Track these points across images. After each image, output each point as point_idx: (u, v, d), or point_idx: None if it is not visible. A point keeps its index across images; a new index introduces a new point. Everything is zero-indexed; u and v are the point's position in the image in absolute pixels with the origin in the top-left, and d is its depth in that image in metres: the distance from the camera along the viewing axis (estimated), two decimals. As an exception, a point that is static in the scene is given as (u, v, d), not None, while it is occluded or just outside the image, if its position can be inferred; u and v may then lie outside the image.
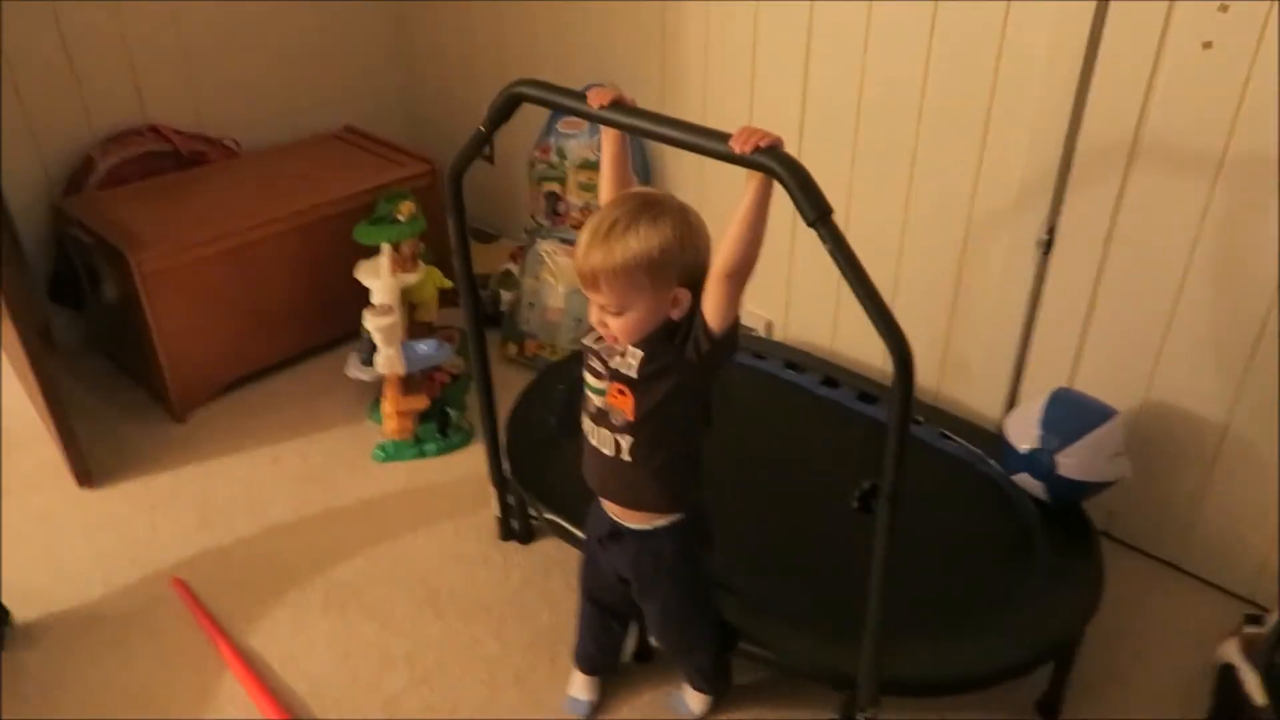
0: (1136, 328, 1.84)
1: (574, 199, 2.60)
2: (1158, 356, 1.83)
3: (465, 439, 2.38)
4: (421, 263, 2.40)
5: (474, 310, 1.84)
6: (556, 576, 1.99)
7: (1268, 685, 1.13)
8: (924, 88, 1.97)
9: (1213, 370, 1.78)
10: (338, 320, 2.60)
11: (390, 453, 2.33)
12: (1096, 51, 1.70)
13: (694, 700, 1.69)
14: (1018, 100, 1.84)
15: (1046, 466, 1.72)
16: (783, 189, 1.20)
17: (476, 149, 1.60)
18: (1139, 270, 1.80)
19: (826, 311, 2.35)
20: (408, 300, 2.40)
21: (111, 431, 2.42)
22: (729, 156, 1.23)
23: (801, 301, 2.40)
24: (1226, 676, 1.63)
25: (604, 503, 1.51)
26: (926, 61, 1.93)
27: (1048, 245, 1.89)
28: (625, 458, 1.41)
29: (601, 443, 1.44)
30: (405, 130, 3.20)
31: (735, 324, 1.35)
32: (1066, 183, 1.83)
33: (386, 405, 2.29)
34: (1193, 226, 1.71)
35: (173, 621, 1.90)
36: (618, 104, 1.38)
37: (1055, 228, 1.87)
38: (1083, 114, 1.76)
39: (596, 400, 1.42)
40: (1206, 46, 1.58)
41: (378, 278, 2.28)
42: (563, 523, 1.81)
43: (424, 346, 2.28)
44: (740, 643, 1.57)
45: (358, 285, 2.34)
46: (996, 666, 1.54)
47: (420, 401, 2.30)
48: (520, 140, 2.64)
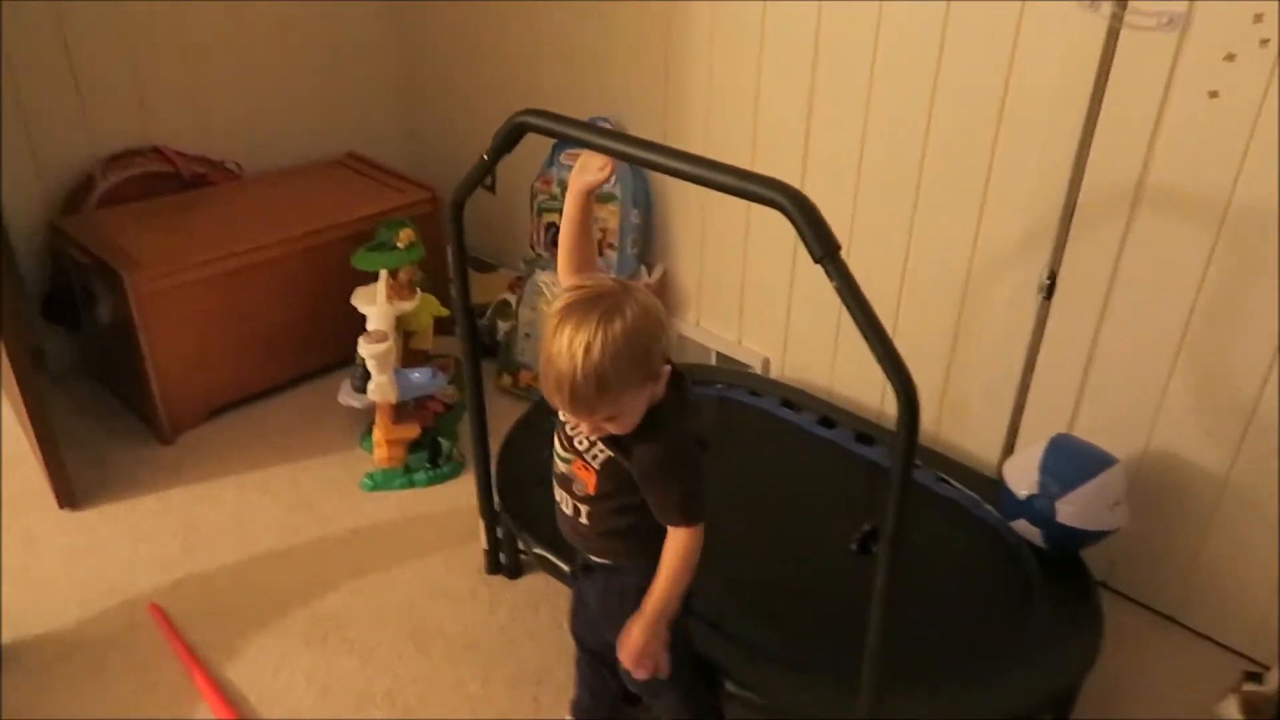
0: (1138, 375, 1.82)
1: (574, 231, 2.59)
2: (1158, 405, 1.82)
3: (456, 470, 2.35)
4: (419, 290, 2.38)
5: (471, 339, 1.82)
6: (544, 613, 1.95)
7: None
8: (928, 128, 1.97)
9: (1213, 421, 1.77)
10: (332, 346, 2.58)
11: (379, 481, 2.30)
12: (1103, 96, 1.70)
13: None
14: (1023, 143, 1.84)
15: (1045, 513, 1.70)
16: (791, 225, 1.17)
17: (479, 178, 1.59)
18: (1141, 317, 1.79)
19: (825, 350, 2.33)
20: (403, 328, 2.38)
21: (99, 454, 2.38)
22: (734, 189, 1.22)
23: (799, 339, 2.39)
24: (1226, 734, 1.60)
25: None
26: (931, 101, 1.94)
27: (1049, 290, 1.88)
28: (584, 521, 1.40)
29: (563, 501, 1.43)
30: (407, 158, 3.20)
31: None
32: (1070, 228, 1.82)
33: (377, 433, 2.26)
34: (1196, 275, 1.70)
35: (150, 649, 1.86)
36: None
37: (1057, 273, 1.86)
38: (1087, 159, 1.76)
39: (561, 465, 1.41)
40: (1213, 96, 1.58)
41: (374, 304, 2.26)
42: (551, 557, 1.77)
43: (417, 375, 2.26)
44: (731, 686, 1.53)
45: (354, 311, 2.33)
46: (993, 717, 1.50)
47: (411, 430, 2.28)
48: (522, 171, 2.64)
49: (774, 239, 2.32)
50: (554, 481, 1.44)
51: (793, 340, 2.41)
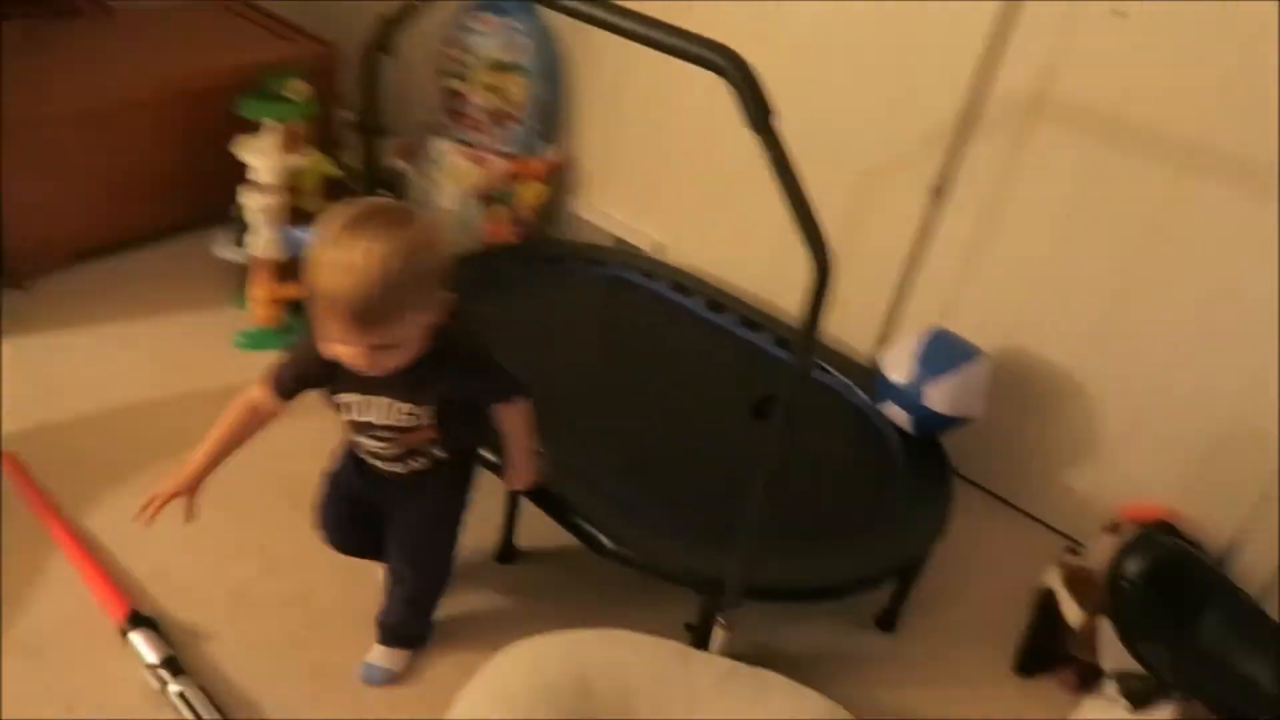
0: (1009, 279, 1.94)
1: (478, 99, 2.52)
2: (1024, 307, 1.94)
3: (338, 334, 2.30)
4: (310, 147, 2.27)
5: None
6: (425, 475, 1.96)
7: (1113, 601, 1.24)
8: (844, 19, 1.99)
9: (1067, 325, 1.91)
10: (204, 200, 2.43)
11: (255, 340, 2.23)
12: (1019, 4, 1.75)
13: (388, 658, 1.60)
14: (931, 43, 1.89)
15: (915, 398, 1.80)
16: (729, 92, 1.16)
17: (402, 24, 1.51)
18: (1021, 226, 1.90)
19: (719, 237, 2.37)
20: (290, 185, 2.28)
21: (-61, 292, 2.21)
22: (675, 49, 1.18)
23: (694, 225, 2.42)
24: (1046, 599, 1.77)
25: None
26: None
27: (939, 191, 1.96)
28: (407, 452, 1.45)
29: (379, 446, 1.44)
30: (299, 9, 3.00)
31: None
32: (969, 132, 1.89)
33: (258, 290, 2.18)
34: (1080, 189, 1.81)
35: (2, 499, 1.77)
36: None
37: (949, 176, 1.94)
38: (996, 66, 1.82)
39: (387, 448, 1.44)
40: (1119, 14, 1.65)
41: (263, 155, 2.15)
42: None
43: (304, 233, 2.18)
44: (610, 544, 1.59)
45: (231, 164, 2.20)
46: (852, 577, 1.62)
47: (295, 290, 2.20)
48: (422, 33, 2.53)
49: (680, 124, 2.32)
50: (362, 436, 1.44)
51: (688, 226, 2.43)
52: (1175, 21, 1.64)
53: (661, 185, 2.44)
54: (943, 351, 1.84)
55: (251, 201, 2.06)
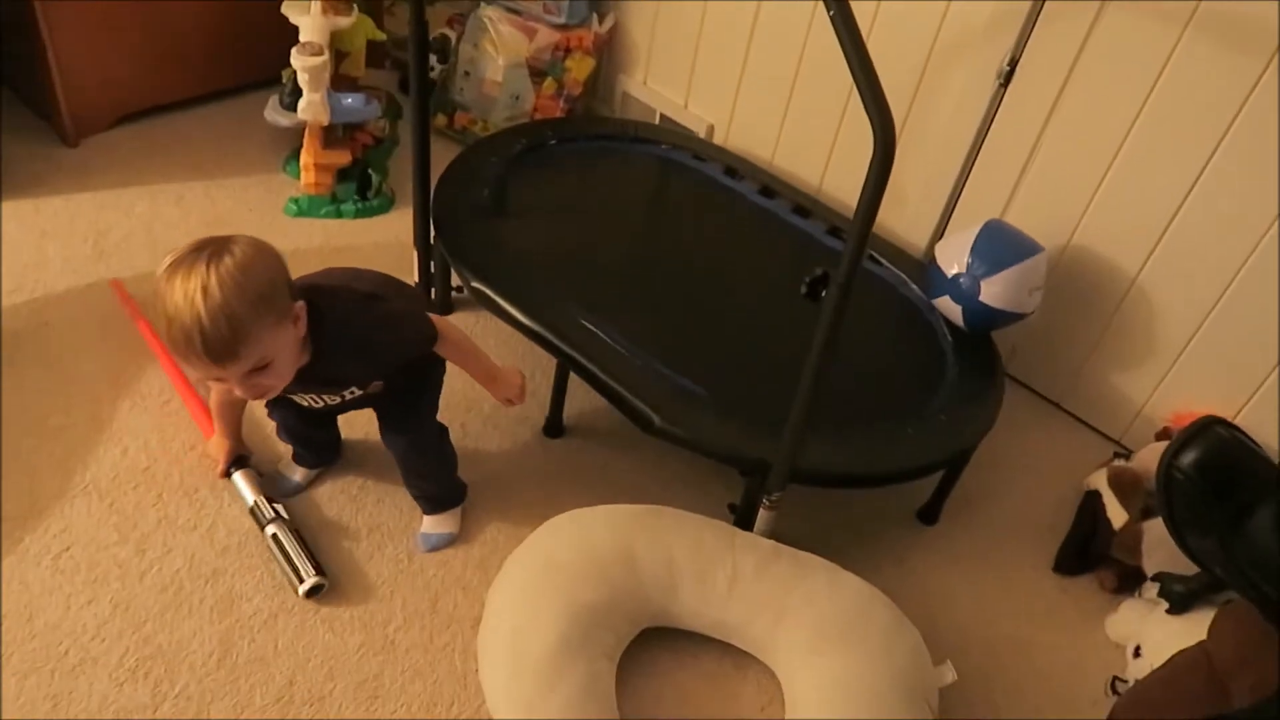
0: (1075, 171, 1.87)
1: (527, -35, 2.43)
2: (1089, 202, 1.88)
3: (385, 205, 2.29)
4: (355, 8, 2.21)
5: (421, 67, 1.73)
6: (473, 349, 1.97)
7: (1165, 491, 1.23)
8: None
9: (1135, 224, 1.84)
10: (257, 62, 2.41)
11: (304, 208, 2.22)
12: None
13: (436, 524, 1.64)
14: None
15: (970, 292, 1.77)
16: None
17: None
18: (1091, 114, 1.82)
19: (771, 123, 2.30)
20: (335, 48, 2.22)
21: (-6, 148, 2.21)
22: None
23: (747, 109, 2.35)
24: (1091, 501, 1.77)
25: None
26: None
27: (1008, 78, 1.88)
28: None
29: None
30: None
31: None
32: (1038, 15, 1.80)
33: (306, 156, 2.16)
34: (1151, 77, 1.72)
35: (62, 347, 1.81)
36: None
37: (1018, 60, 1.86)
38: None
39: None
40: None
41: (308, 15, 2.09)
42: (488, 291, 1.76)
43: (350, 99, 2.14)
44: (661, 422, 1.60)
45: (284, 26, 2.15)
46: (897, 467, 1.63)
47: (343, 157, 2.18)
48: (472, -109, 2.43)
49: (733, 7, 2.22)
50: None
51: (740, 110, 2.37)
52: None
53: (714, 65, 2.35)
54: (1000, 244, 1.80)
55: (298, 63, 2.01)
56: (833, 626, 1.46)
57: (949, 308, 1.83)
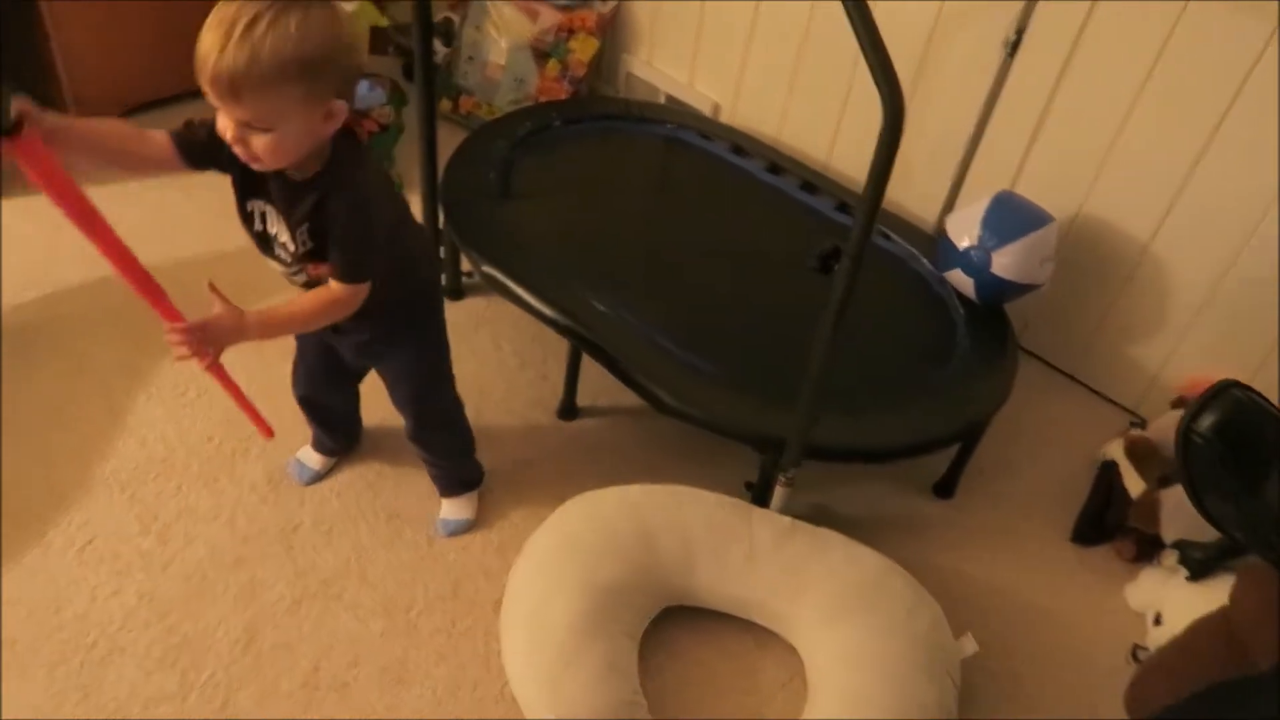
0: (1083, 140, 1.86)
1: (527, -53, 2.41)
2: (1098, 171, 1.87)
3: (393, 192, 2.28)
4: (356, -6, 2.21)
5: (426, 52, 1.72)
6: (484, 333, 1.97)
7: (1184, 455, 1.23)
8: None
9: (1146, 192, 1.83)
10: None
11: (312, 197, 2.21)
12: None
13: (454, 508, 1.64)
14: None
15: (981, 264, 1.76)
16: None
17: None
18: (1099, 82, 1.80)
19: (776, 100, 2.29)
20: (338, 35, 2.22)
21: (-1, 143, 2.21)
22: None
23: (752, 87, 2.34)
24: (1108, 470, 1.77)
25: None
26: None
27: (1014, 47, 1.86)
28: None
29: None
30: None
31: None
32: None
33: (312, 145, 2.15)
34: (1156, 48, 1.70)
35: (77, 340, 1.82)
36: None
37: (1025, 28, 1.84)
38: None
39: (292, 276, 1.33)
40: None
41: (309, 2, 2.08)
42: (499, 275, 1.76)
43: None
44: (671, 400, 1.60)
45: (284, 11, 2.14)
46: (912, 441, 1.63)
47: (349, 145, 2.17)
48: (471, -128, 2.41)
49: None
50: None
51: (746, 87, 2.35)
52: None
53: (718, 42, 2.34)
54: (1010, 216, 1.79)
55: (305, 51, 2.01)
56: (852, 600, 1.46)
57: (961, 281, 1.83)
